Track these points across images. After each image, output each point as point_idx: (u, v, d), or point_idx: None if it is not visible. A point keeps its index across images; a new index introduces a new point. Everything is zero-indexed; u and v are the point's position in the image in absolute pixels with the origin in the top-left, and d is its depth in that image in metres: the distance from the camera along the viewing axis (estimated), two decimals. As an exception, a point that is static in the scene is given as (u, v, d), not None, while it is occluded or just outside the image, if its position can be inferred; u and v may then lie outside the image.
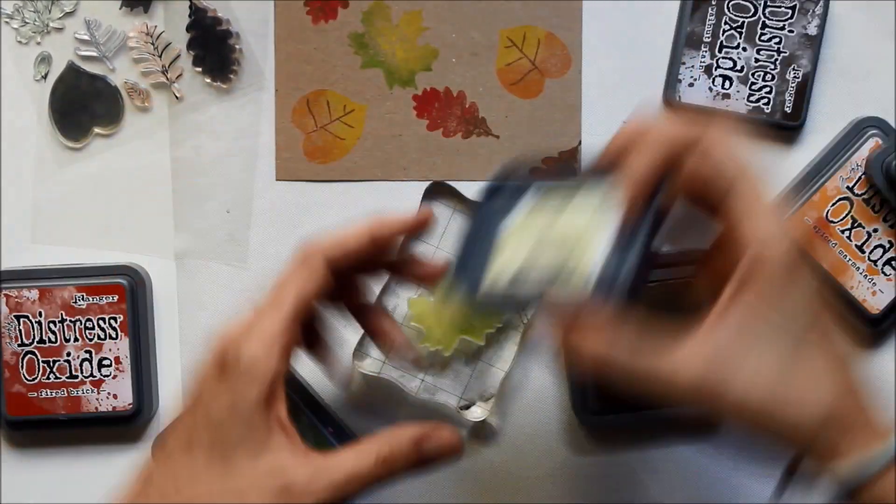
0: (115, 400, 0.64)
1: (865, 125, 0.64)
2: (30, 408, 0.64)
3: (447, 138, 0.67)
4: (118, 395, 0.64)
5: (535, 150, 0.66)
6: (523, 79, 0.67)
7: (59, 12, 0.67)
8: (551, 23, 0.66)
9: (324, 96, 0.67)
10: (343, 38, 0.66)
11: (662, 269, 0.62)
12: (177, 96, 0.67)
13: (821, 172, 0.64)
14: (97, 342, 0.64)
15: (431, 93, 0.67)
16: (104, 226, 0.67)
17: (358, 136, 0.67)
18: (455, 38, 0.66)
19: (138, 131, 0.67)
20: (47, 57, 0.67)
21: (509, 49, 0.66)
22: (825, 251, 0.64)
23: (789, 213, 0.64)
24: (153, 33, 0.66)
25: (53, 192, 0.67)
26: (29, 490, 0.67)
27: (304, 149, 0.67)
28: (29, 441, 0.67)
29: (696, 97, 0.65)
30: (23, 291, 0.64)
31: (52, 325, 0.64)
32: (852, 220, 0.64)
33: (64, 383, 0.65)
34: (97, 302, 0.64)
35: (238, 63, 0.67)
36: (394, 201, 0.67)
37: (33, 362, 0.64)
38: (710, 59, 0.65)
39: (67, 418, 0.65)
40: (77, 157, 0.67)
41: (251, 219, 0.67)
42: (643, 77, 0.67)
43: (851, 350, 0.46)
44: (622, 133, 0.48)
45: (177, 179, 0.67)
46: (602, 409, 0.65)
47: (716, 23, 0.65)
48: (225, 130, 0.67)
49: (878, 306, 0.65)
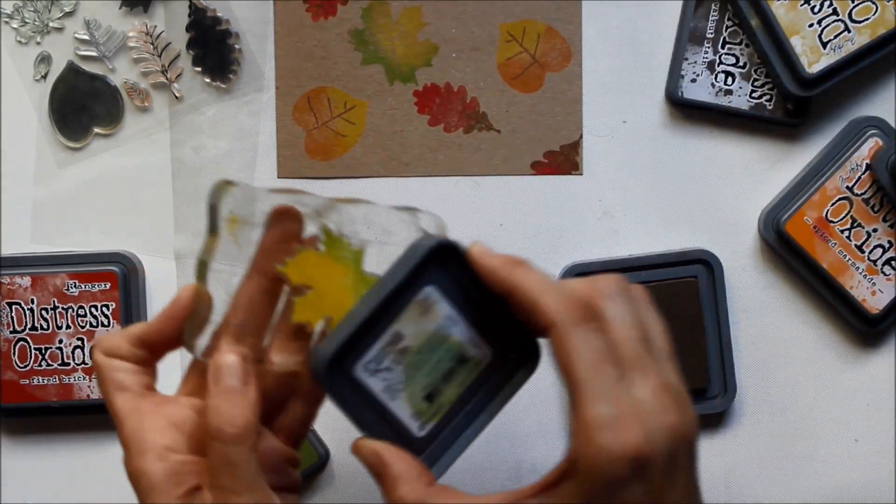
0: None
1: (865, 125, 0.65)
2: (21, 395, 0.64)
3: (448, 134, 0.66)
4: (110, 382, 0.64)
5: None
6: (524, 73, 0.66)
7: (58, 12, 0.67)
8: (551, 16, 0.66)
9: (324, 93, 0.66)
10: (343, 34, 0.66)
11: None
12: (176, 96, 0.67)
13: (820, 172, 0.65)
14: (89, 329, 0.64)
15: (432, 88, 0.66)
16: (104, 226, 0.67)
17: (359, 132, 0.67)
18: (455, 33, 0.66)
19: (138, 131, 0.67)
20: (47, 57, 0.67)
21: (509, 43, 0.66)
22: (825, 251, 0.64)
23: (789, 213, 0.64)
24: (153, 33, 0.66)
25: (53, 192, 0.67)
26: (22, 477, 0.67)
27: (306, 146, 0.67)
28: (21, 428, 0.67)
29: (699, 93, 0.65)
30: (15, 278, 0.64)
31: (44, 312, 0.64)
32: (852, 219, 0.64)
33: (56, 370, 0.64)
34: (89, 289, 0.64)
35: (238, 63, 0.66)
36: (395, 198, 0.66)
37: (25, 349, 0.64)
38: (712, 55, 0.65)
39: (59, 406, 0.64)
40: (77, 157, 0.67)
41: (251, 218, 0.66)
42: (645, 72, 0.67)
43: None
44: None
45: (177, 179, 0.67)
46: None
47: (719, 19, 0.65)
48: (225, 130, 0.67)
49: (878, 306, 0.65)
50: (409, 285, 0.44)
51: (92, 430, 0.67)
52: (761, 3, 0.62)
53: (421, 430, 0.46)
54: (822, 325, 0.67)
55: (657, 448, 0.39)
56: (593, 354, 0.40)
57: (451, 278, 0.45)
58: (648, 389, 0.40)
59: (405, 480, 0.43)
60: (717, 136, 0.67)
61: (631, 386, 0.40)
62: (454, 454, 0.46)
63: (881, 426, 0.67)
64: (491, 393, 0.46)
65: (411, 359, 0.45)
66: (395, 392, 0.45)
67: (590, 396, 0.39)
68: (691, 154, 0.67)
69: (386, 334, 0.44)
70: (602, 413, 0.39)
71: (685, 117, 0.67)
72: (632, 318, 0.42)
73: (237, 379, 0.45)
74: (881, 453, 0.67)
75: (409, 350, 0.45)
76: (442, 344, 0.45)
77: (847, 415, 0.67)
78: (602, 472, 0.38)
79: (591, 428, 0.39)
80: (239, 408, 0.44)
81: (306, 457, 0.65)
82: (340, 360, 0.43)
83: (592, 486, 0.39)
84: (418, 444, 0.46)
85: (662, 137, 0.67)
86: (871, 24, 0.62)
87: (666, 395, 0.40)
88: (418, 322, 0.45)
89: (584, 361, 0.40)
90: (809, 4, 0.62)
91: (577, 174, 0.67)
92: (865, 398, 0.67)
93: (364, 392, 0.44)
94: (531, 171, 0.67)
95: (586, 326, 0.41)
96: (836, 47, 0.62)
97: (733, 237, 0.67)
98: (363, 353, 0.44)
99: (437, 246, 0.44)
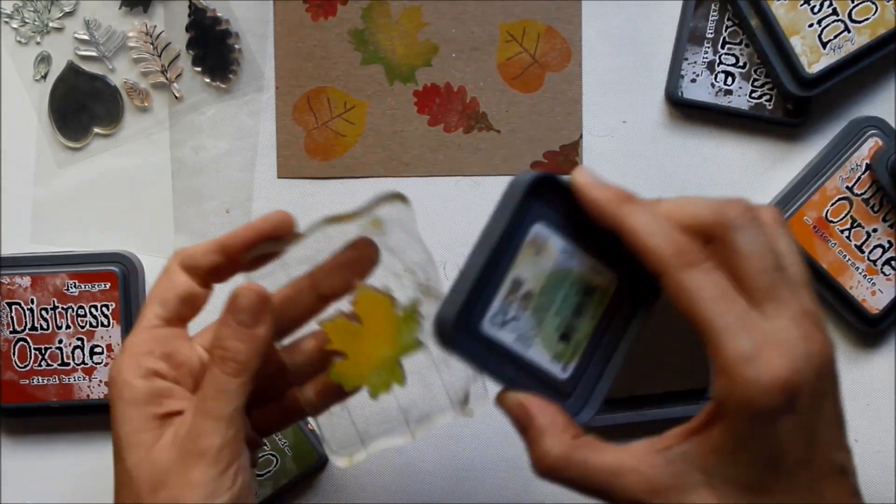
0: (106, 388, 0.64)
1: (865, 125, 0.64)
2: (21, 395, 0.64)
3: (448, 133, 0.66)
4: (110, 382, 0.64)
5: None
6: (524, 73, 0.66)
7: (58, 12, 0.67)
8: (551, 16, 0.66)
9: (324, 93, 0.66)
10: (343, 34, 0.66)
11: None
12: (176, 96, 0.67)
13: (820, 172, 0.64)
14: (89, 329, 0.64)
15: (432, 88, 0.66)
16: (104, 226, 0.67)
17: (359, 132, 0.67)
18: (455, 33, 0.66)
19: (138, 131, 0.67)
20: (47, 57, 0.67)
21: (509, 43, 0.66)
22: (825, 251, 0.64)
23: (789, 213, 0.64)
24: (153, 33, 0.66)
25: (53, 192, 0.67)
26: (22, 477, 0.67)
27: (306, 146, 0.67)
28: (21, 428, 0.67)
29: (699, 93, 0.65)
30: (15, 278, 0.64)
31: (44, 312, 0.64)
32: (852, 220, 0.64)
33: (56, 371, 0.64)
34: (89, 289, 0.64)
35: (238, 63, 0.66)
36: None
37: (25, 349, 0.64)
38: (712, 55, 0.65)
39: (59, 406, 0.64)
40: (77, 157, 0.67)
41: (251, 218, 0.66)
42: (645, 72, 0.67)
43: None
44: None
45: (177, 179, 0.67)
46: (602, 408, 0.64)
47: (719, 19, 0.65)
48: (225, 130, 0.67)
49: (878, 306, 0.65)
50: (515, 228, 0.42)
51: (92, 430, 0.67)
52: (761, 3, 0.62)
53: (564, 371, 0.44)
54: (822, 325, 0.67)
55: (805, 375, 0.38)
56: (714, 291, 0.39)
57: (556, 211, 0.43)
58: (786, 318, 0.39)
59: (550, 433, 0.42)
60: (717, 136, 0.67)
61: (767, 316, 0.39)
62: (602, 389, 0.45)
63: (881, 426, 0.67)
64: (626, 318, 0.45)
65: (537, 302, 0.43)
66: (529, 340, 0.43)
67: (723, 333, 0.38)
68: (691, 154, 0.67)
69: (505, 283, 0.42)
70: (742, 347, 0.38)
71: (685, 117, 0.67)
72: (761, 246, 0.40)
73: (250, 316, 0.45)
74: (881, 453, 0.67)
75: (533, 294, 0.43)
76: (565, 279, 0.43)
77: (847, 415, 0.67)
78: (753, 406, 0.37)
79: (734, 364, 0.38)
80: (244, 343, 0.45)
81: (306, 457, 0.65)
82: (465, 320, 0.41)
83: (745, 423, 0.38)
84: (564, 385, 0.44)
85: (662, 137, 0.67)
86: (871, 24, 0.62)
87: (805, 320, 0.39)
88: (535, 263, 0.43)
89: (706, 300, 0.39)
90: (809, 4, 0.62)
91: (577, 174, 0.67)
92: (865, 398, 0.67)
93: (497, 347, 0.43)
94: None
95: (700, 267, 0.39)
96: (836, 47, 0.62)
97: (733, 237, 0.67)
98: (486, 307, 0.42)
99: (535, 181, 0.42)
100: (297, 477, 0.65)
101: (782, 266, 0.40)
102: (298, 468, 0.65)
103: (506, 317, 0.42)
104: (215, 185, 0.67)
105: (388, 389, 0.48)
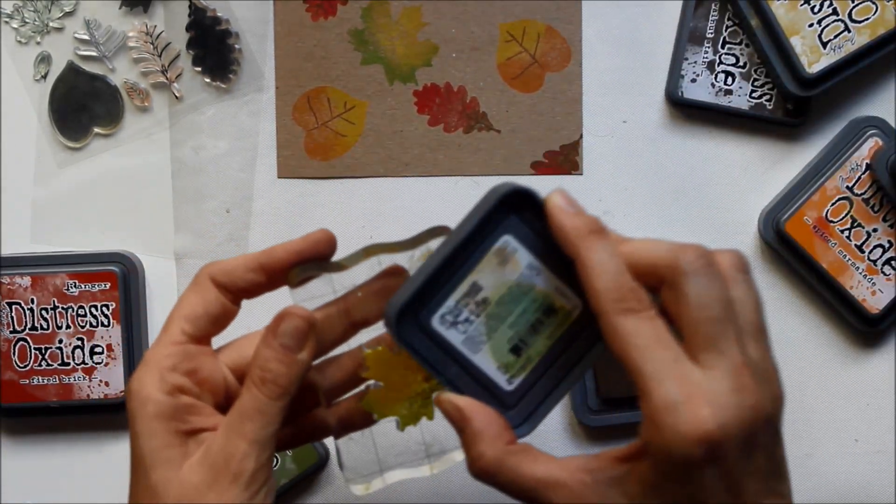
0: (106, 388, 0.64)
1: (865, 125, 0.65)
2: (22, 395, 0.64)
3: (448, 133, 0.66)
4: (110, 382, 0.64)
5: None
6: (524, 73, 0.66)
7: (58, 12, 0.67)
8: (551, 16, 0.66)
9: (324, 93, 0.66)
10: (343, 34, 0.66)
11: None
12: (176, 96, 0.67)
13: (820, 172, 0.65)
14: (89, 329, 0.64)
15: (432, 88, 0.66)
16: (104, 226, 0.67)
17: (359, 132, 0.67)
18: (455, 33, 0.66)
19: (138, 131, 0.67)
20: (47, 57, 0.67)
21: (509, 43, 0.66)
22: (825, 251, 0.64)
23: (789, 213, 0.64)
24: (153, 33, 0.66)
25: (53, 192, 0.67)
26: (22, 477, 0.67)
27: (306, 146, 0.67)
28: (21, 428, 0.67)
29: (699, 93, 0.65)
30: (15, 278, 0.64)
31: (44, 312, 0.64)
32: (852, 219, 0.64)
33: (56, 370, 0.64)
34: (89, 289, 0.64)
35: (238, 63, 0.66)
36: (396, 198, 0.66)
37: (25, 349, 0.64)
38: (712, 55, 0.65)
39: (59, 405, 0.64)
40: (77, 157, 0.67)
41: (251, 218, 0.67)
42: (645, 72, 0.67)
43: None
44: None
45: (177, 179, 0.67)
46: (602, 408, 0.65)
47: (719, 19, 0.65)
48: (225, 130, 0.67)
49: (878, 306, 0.65)
50: (483, 234, 0.42)
51: (92, 430, 0.67)
52: (761, 3, 0.62)
53: (509, 383, 0.44)
54: (822, 325, 0.67)
55: (730, 429, 0.38)
56: (647, 339, 0.39)
57: (530, 227, 0.43)
58: (721, 369, 0.39)
59: (485, 437, 0.43)
60: (717, 136, 0.67)
61: (702, 366, 0.39)
62: (546, 408, 0.45)
63: (881, 426, 0.67)
64: (585, 345, 0.45)
65: (493, 310, 0.43)
66: (478, 345, 0.44)
67: (650, 380, 0.39)
68: (691, 154, 0.67)
69: (462, 285, 0.43)
70: (667, 395, 0.38)
71: (685, 117, 0.67)
72: (709, 294, 0.40)
73: (295, 341, 0.45)
74: (881, 453, 0.67)
75: (490, 301, 0.43)
76: (526, 295, 0.44)
77: (847, 415, 0.67)
78: (673, 455, 0.38)
79: (657, 411, 0.38)
80: (287, 367, 0.44)
81: (306, 457, 0.65)
82: (414, 311, 0.42)
83: (665, 468, 0.39)
84: (507, 397, 0.44)
85: (662, 137, 0.67)
86: (871, 24, 0.62)
87: (743, 372, 0.39)
88: (497, 273, 0.43)
89: (638, 347, 0.39)
90: (809, 4, 0.62)
91: (577, 174, 0.67)
92: (865, 398, 0.67)
93: (444, 345, 0.43)
94: (531, 171, 0.67)
95: (639, 315, 0.40)
96: (836, 47, 0.62)
97: (733, 237, 0.67)
98: (439, 304, 0.43)
99: (511, 193, 0.42)
100: (298, 477, 0.65)
101: (732, 315, 0.40)
102: (298, 468, 0.65)
103: (457, 318, 0.43)
104: (215, 184, 0.67)
105: (416, 422, 0.48)
